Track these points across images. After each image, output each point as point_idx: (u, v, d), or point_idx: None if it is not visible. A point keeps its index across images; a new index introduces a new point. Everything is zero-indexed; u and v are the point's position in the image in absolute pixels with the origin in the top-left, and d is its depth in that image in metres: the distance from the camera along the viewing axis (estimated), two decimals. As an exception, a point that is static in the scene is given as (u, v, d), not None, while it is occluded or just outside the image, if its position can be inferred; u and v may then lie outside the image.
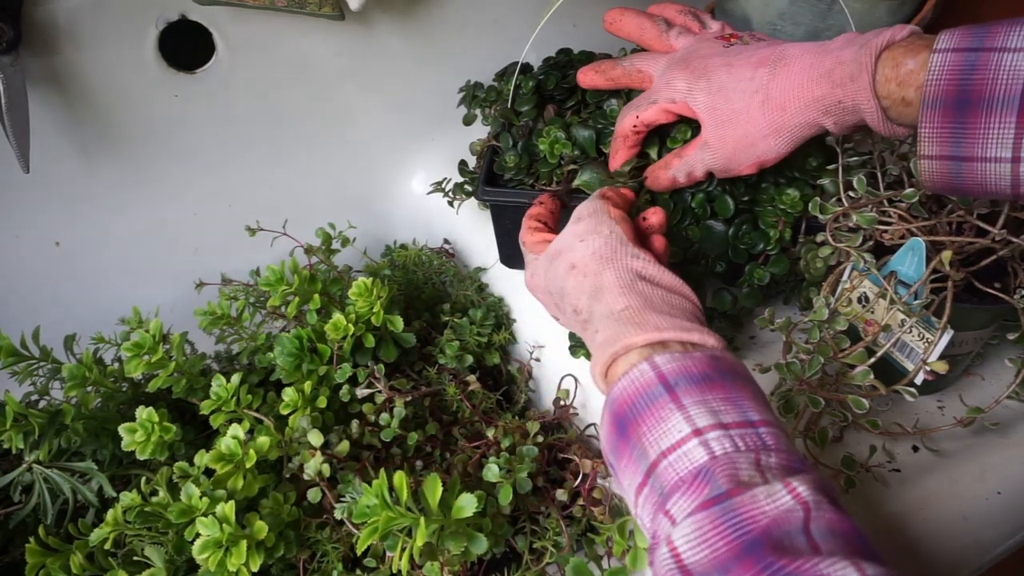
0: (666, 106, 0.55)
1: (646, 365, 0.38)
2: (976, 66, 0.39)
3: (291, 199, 0.84)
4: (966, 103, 0.39)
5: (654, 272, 0.45)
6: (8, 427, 0.50)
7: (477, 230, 0.83)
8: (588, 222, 0.48)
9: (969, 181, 0.41)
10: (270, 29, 0.72)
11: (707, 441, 0.35)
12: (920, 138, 0.41)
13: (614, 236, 0.46)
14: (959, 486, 0.55)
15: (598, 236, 0.47)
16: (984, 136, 0.39)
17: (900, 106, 0.44)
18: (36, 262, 0.75)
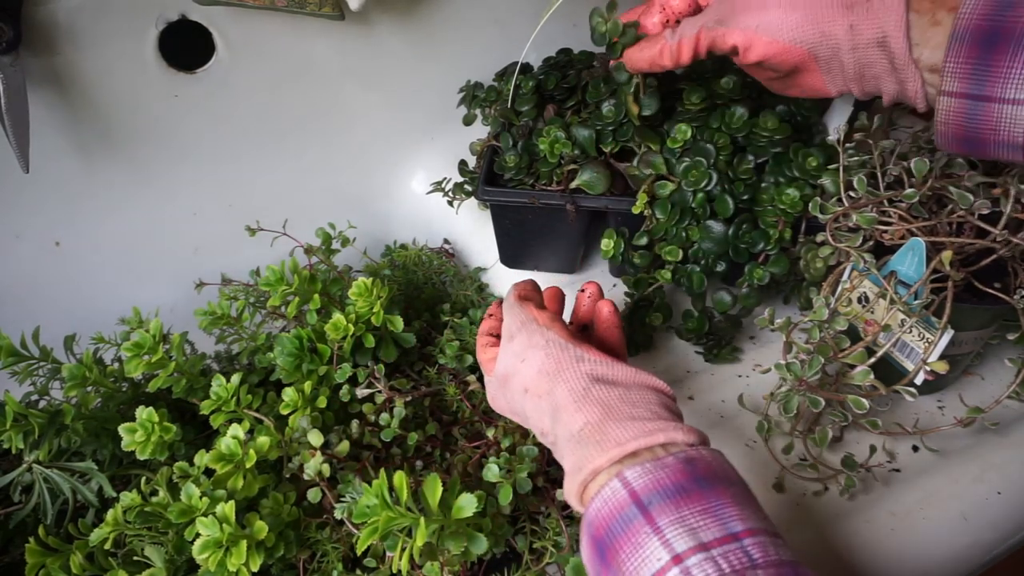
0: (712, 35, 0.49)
1: (617, 483, 0.36)
2: (1013, 3, 0.38)
3: (291, 199, 0.84)
4: (995, 39, 0.38)
5: (607, 371, 0.43)
6: (8, 427, 0.50)
7: (477, 230, 0.83)
8: (521, 337, 0.46)
9: (984, 126, 0.40)
10: (270, 29, 0.72)
11: (688, 570, 0.32)
12: (943, 72, 0.40)
13: (552, 344, 0.44)
14: (959, 486, 0.55)
15: (536, 350, 0.44)
16: (1007, 76, 0.38)
17: (929, 27, 0.41)
18: (36, 262, 0.75)
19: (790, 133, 0.61)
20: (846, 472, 0.54)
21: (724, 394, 0.64)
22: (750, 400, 0.61)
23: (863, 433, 0.58)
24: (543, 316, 0.47)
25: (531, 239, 0.73)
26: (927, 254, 0.51)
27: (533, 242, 0.74)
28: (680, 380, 0.66)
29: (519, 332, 0.46)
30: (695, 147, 0.61)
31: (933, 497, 0.55)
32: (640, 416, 0.39)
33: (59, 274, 0.77)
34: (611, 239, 0.65)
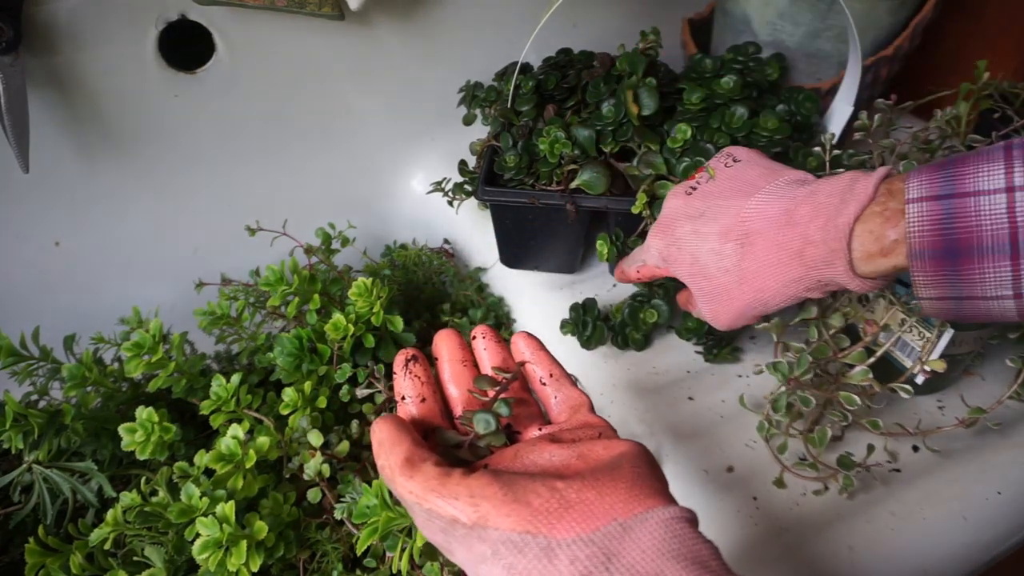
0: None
1: None
2: (955, 215, 0.37)
3: (291, 199, 0.84)
4: (955, 252, 0.38)
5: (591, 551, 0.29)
6: (8, 427, 0.50)
7: (477, 230, 0.83)
8: (458, 552, 0.33)
9: (974, 314, 0.39)
10: (270, 29, 0.72)
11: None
12: (916, 284, 0.40)
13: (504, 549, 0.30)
14: (959, 486, 0.55)
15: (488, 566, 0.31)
16: (982, 280, 0.37)
17: (891, 270, 0.42)
18: (36, 262, 0.75)
19: (790, 133, 0.61)
20: (846, 472, 0.54)
21: (724, 394, 0.64)
22: (751, 400, 0.61)
23: (864, 433, 0.58)
24: (456, 494, 0.32)
25: (531, 239, 0.73)
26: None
27: (533, 242, 0.74)
28: (680, 380, 0.66)
29: (448, 543, 0.33)
30: (695, 147, 0.61)
31: (933, 497, 0.55)
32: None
33: (59, 274, 0.77)
34: (604, 241, 0.65)
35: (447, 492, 0.32)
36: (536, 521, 0.30)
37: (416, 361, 0.42)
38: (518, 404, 0.40)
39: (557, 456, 0.34)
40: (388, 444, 0.35)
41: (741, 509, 0.55)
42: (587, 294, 0.75)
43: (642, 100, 0.61)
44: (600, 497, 0.30)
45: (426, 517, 0.33)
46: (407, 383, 0.41)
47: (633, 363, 0.67)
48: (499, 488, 0.31)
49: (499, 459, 0.36)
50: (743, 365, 0.67)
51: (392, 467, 0.34)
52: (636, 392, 0.65)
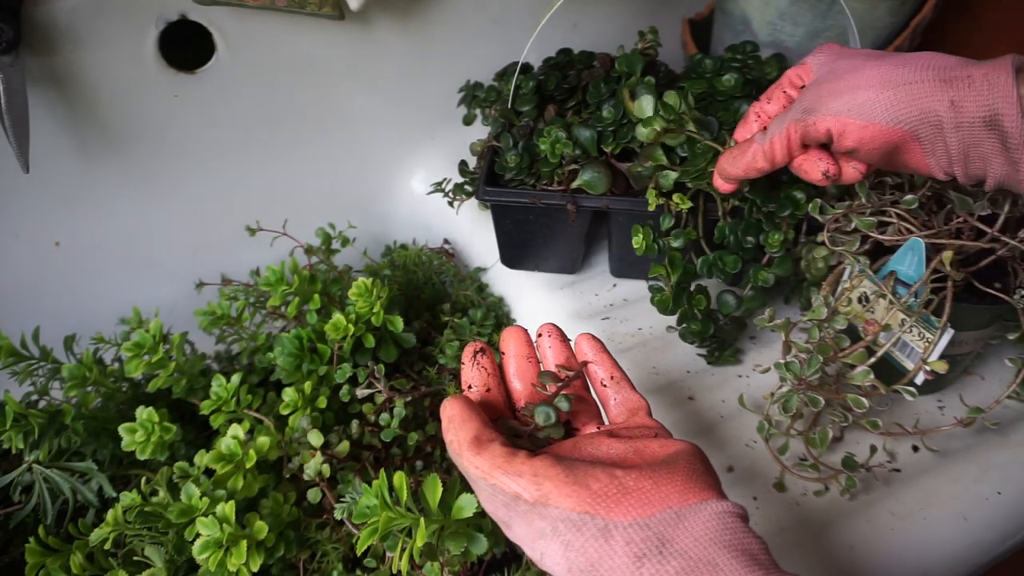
0: (793, 70, 0.50)
1: None
2: None
3: (291, 199, 0.84)
4: None
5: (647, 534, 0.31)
6: (8, 427, 0.50)
7: (477, 230, 0.83)
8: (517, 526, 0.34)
9: None
10: (270, 29, 0.72)
11: None
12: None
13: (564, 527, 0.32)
14: (959, 486, 0.55)
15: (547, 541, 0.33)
16: None
17: None
18: (36, 262, 0.75)
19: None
20: (847, 472, 0.54)
21: (724, 394, 0.64)
22: (750, 400, 0.61)
23: (863, 433, 0.58)
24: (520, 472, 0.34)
25: (532, 239, 0.73)
26: (927, 254, 0.51)
27: (534, 242, 0.74)
28: (680, 380, 0.66)
29: (508, 518, 0.34)
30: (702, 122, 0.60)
31: (933, 497, 0.55)
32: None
33: (59, 274, 0.77)
34: (639, 234, 0.61)
35: (512, 470, 0.34)
36: (595, 503, 0.32)
37: (484, 353, 0.44)
38: (578, 402, 0.42)
39: (615, 449, 0.37)
40: (458, 421, 0.38)
41: (741, 509, 0.55)
42: (587, 294, 0.75)
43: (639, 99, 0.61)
44: (656, 487, 0.32)
45: (490, 492, 0.35)
46: (475, 373, 0.43)
47: (633, 363, 0.67)
48: (561, 470, 0.33)
49: (558, 449, 0.38)
50: (743, 365, 0.67)
51: (461, 443, 0.36)
52: (636, 392, 0.65)
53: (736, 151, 0.51)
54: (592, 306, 0.74)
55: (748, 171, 0.51)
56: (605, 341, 0.46)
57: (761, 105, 0.52)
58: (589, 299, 0.75)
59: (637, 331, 0.71)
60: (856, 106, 0.43)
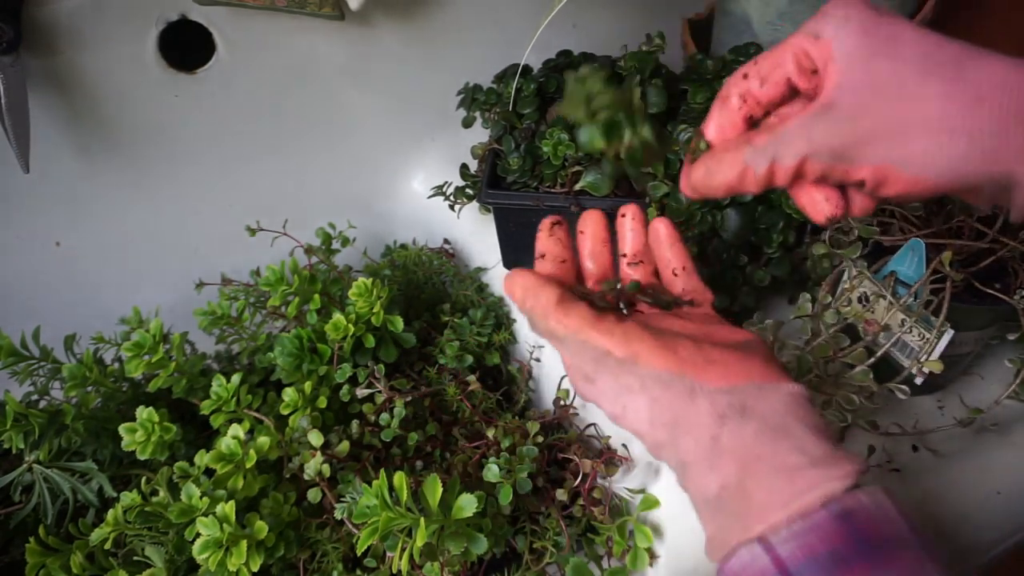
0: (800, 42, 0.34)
1: (759, 548, 0.30)
2: None
3: (291, 199, 0.84)
4: None
5: (730, 396, 0.33)
6: (8, 427, 0.50)
7: (477, 230, 0.83)
8: (603, 379, 0.36)
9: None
10: (270, 29, 0.72)
11: None
12: None
13: (651, 383, 0.34)
14: (958, 486, 0.55)
15: (634, 396, 0.35)
16: None
17: None
18: (36, 262, 0.75)
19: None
20: (846, 472, 0.54)
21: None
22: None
23: (863, 433, 0.58)
24: (611, 331, 0.35)
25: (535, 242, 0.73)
26: (927, 254, 0.51)
27: (534, 243, 0.73)
28: (680, 380, 0.66)
29: (596, 372, 0.37)
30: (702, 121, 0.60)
31: (932, 497, 0.55)
32: (785, 463, 0.31)
33: (59, 274, 0.77)
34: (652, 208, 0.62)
35: (603, 328, 0.35)
36: (683, 366, 0.34)
37: (560, 226, 0.44)
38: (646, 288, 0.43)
39: (687, 328, 0.37)
40: (536, 287, 0.37)
41: (741, 509, 0.55)
42: (587, 294, 0.75)
43: (650, 98, 0.61)
44: (740, 360, 0.34)
45: (579, 346, 0.36)
46: (551, 242, 0.43)
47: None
48: (650, 335, 0.35)
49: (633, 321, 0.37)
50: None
51: (546, 305, 0.36)
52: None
53: (714, 160, 0.37)
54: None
55: (728, 191, 0.37)
56: None
57: (748, 85, 0.37)
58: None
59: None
60: (909, 157, 0.32)
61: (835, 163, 0.33)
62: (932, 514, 0.54)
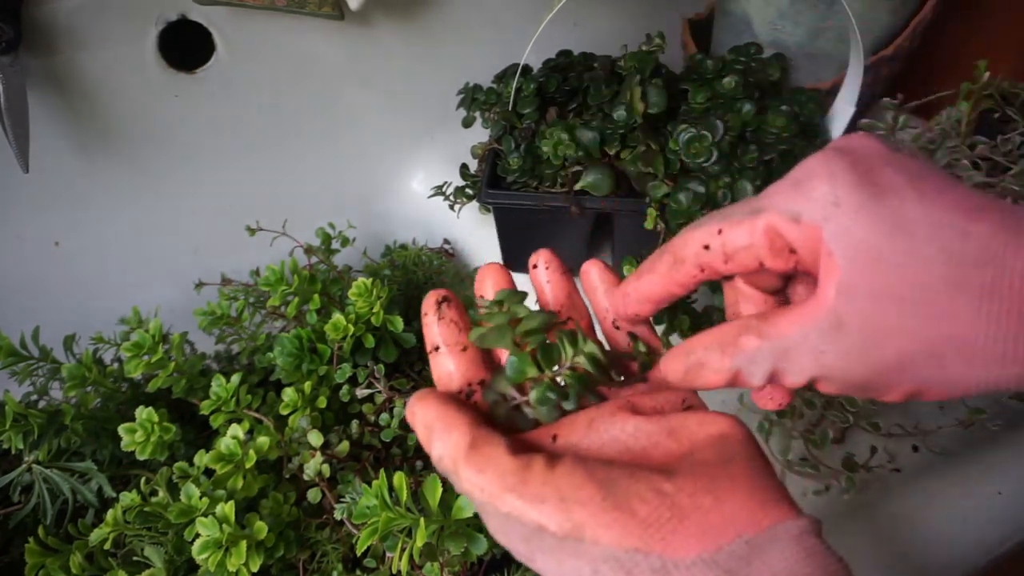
0: (775, 223, 0.28)
1: None
2: None
3: (291, 199, 0.84)
4: None
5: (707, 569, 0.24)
6: (7, 427, 0.50)
7: (477, 230, 0.83)
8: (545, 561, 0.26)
9: None
10: (270, 29, 0.72)
11: None
12: None
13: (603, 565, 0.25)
14: (959, 487, 0.55)
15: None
16: None
17: None
18: (36, 262, 0.75)
19: (797, 132, 0.61)
20: (847, 473, 0.54)
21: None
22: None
23: (864, 434, 0.58)
24: (541, 495, 0.26)
25: (535, 242, 0.73)
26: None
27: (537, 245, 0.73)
28: (680, 380, 0.66)
29: (531, 553, 0.27)
30: (703, 121, 0.60)
31: (933, 497, 0.55)
32: None
33: (59, 274, 0.77)
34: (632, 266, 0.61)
35: (530, 493, 0.26)
36: (646, 535, 0.24)
37: (450, 303, 0.34)
38: None
39: (643, 431, 0.28)
40: (441, 426, 0.29)
41: (741, 509, 0.55)
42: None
43: (650, 98, 0.61)
44: (718, 504, 0.25)
45: (502, 521, 0.27)
46: (442, 329, 0.33)
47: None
48: (596, 490, 0.25)
49: (570, 429, 0.29)
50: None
51: (454, 457, 0.28)
52: (636, 392, 0.65)
53: (694, 362, 0.30)
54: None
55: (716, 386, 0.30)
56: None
57: (710, 258, 0.30)
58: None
59: (637, 331, 0.71)
60: (949, 379, 0.26)
61: (855, 391, 0.28)
62: (933, 515, 0.54)
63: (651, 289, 0.33)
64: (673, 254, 0.31)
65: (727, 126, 0.60)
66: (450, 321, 0.33)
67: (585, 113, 0.69)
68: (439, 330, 0.33)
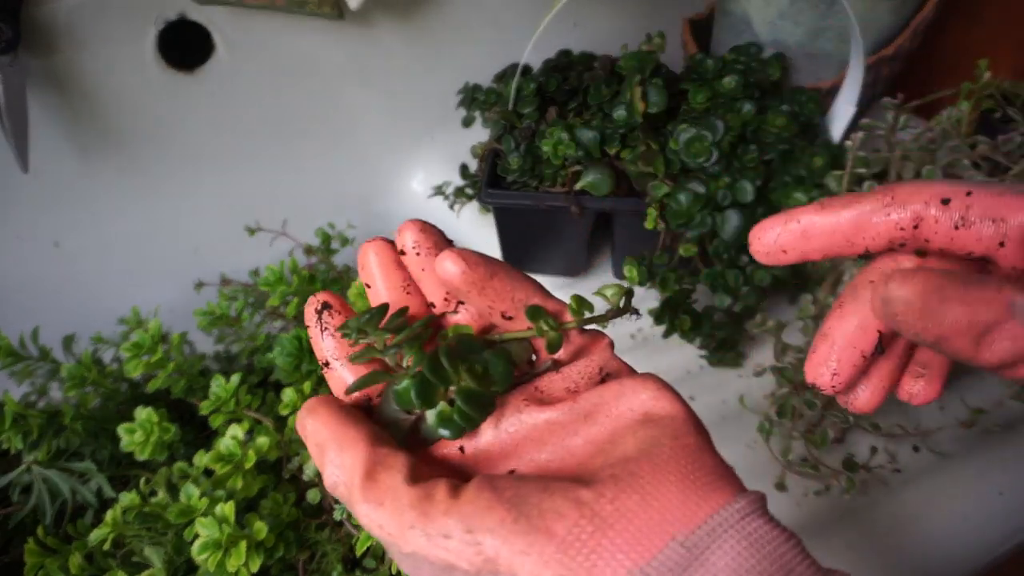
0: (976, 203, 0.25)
1: None
2: None
3: (291, 199, 0.84)
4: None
5: None
6: (7, 427, 0.50)
7: (476, 230, 0.83)
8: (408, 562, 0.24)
9: None
10: (269, 28, 0.72)
11: None
12: None
13: None
14: (960, 487, 0.55)
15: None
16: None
17: None
18: (35, 262, 0.75)
19: (797, 132, 0.61)
20: (847, 473, 0.54)
21: (725, 394, 0.64)
22: (751, 400, 0.61)
23: (865, 434, 0.58)
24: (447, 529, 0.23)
25: (535, 242, 0.73)
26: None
27: (537, 245, 0.73)
28: (680, 381, 0.66)
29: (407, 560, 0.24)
30: (703, 121, 0.60)
31: (934, 497, 0.55)
32: None
33: (59, 274, 0.76)
34: (633, 266, 0.62)
35: (434, 528, 0.22)
36: (567, 558, 0.21)
37: (331, 310, 0.29)
38: None
39: (556, 424, 0.25)
40: (335, 447, 0.25)
41: (742, 510, 0.55)
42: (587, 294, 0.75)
43: (650, 98, 0.61)
44: (645, 504, 0.22)
45: (410, 563, 0.23)
46: (329, 343, 0.29)
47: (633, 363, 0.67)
48: (506, 512, 0.22)
49: (477, 434, 0.26)
50: (744, 367, 0.67)
51: (349, 486, 0.24)
52: (636, 392, 0.65)
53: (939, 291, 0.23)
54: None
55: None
56: None
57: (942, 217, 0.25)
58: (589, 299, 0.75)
59: (637, 331, 0.71)
60: None
61: None
62: (934, 515, 0.53)
63: (835, 228, 0.27)
64: (892, 194, 0.26)
65: (727, 126, 0.60)
66: (335, 330, 0.29)
67: (585, 113, 0.69)
68: (325, 344, 0.29)
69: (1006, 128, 0.60)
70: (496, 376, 0.26)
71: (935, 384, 0.29)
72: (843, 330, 0.27)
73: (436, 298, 0.30)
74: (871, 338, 0.27)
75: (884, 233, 0.26)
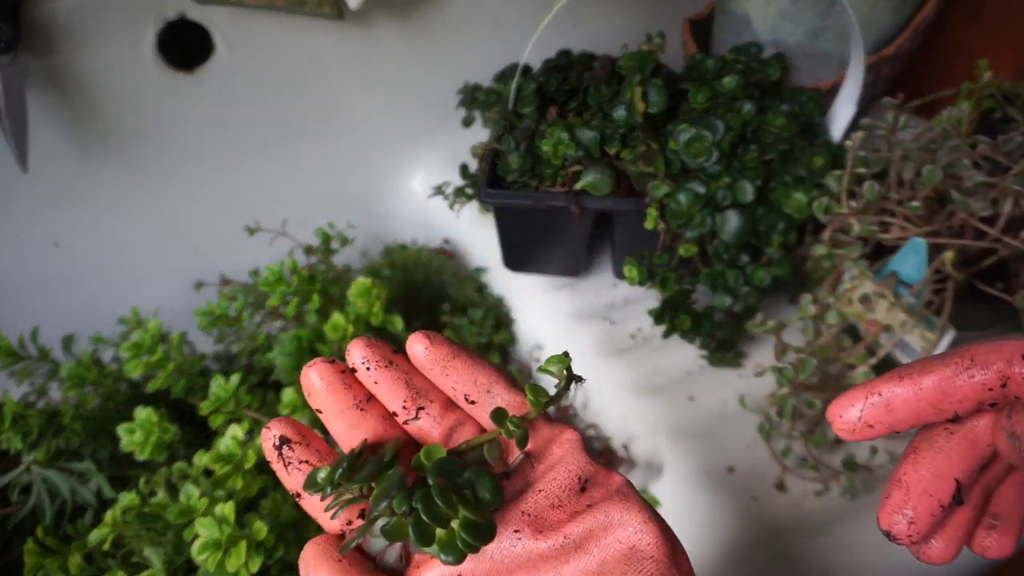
0: None
1: None
2: None
3: (290, 199, 0.84)
4: None
5: None
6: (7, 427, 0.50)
7: (477, 230, 0.83)
8: None
9: None
10: (269, 28, 0.72)
11: None
12: None
13: None
14: (960, 487, 0.55)
15: None
16: None
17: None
18: (35, 262, 0.75)
19: (797, 132, 0.61)
20: (847, 473, 0.54)
21: (725, 395, 0.64)
22: (751, 400, 0.61)
23: (864, 434, 0.57)
24: None
25: (535, 242, 0.73)
26: (928, 254, 0.50)
27: (537, 245, 0.73)
28: (680, 381, 0.66)
29: None
30: (703, 121, 0.60)
31: (934, 498, 0.54)
32: None
33: (58, 274, 0.76)
34: (633, 267, 0.62)
35: None
36: None
37: (291, 444, 0.29)
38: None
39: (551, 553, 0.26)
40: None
41: (742, 510, 0.55)
42: (587, 294, 0.75)
43: (650, 97, 0.61)
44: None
45: None
46: (294, 478, 0.29)
47: (633, 363, 0.67)
48: None
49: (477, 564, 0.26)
50: (744, 367, 0.67)
51: None
52: (637, 392, 0.65)
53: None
54: (592, 306, 0.74)
55: None
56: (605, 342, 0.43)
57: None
58: (589, 299, 0.75)
59: (637, 331, 0.71)
60: None
61: None
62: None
63: (919, 397, 0.26)
64: (971, 356, 0.25)
65: (727, 126, 0.59)
66: (299, 463, 0.28)
67: (585, 113, 0.69)
68: (293, 479, 0.29)
69: (1006, 128, 0.60)
70: (486, 496, 0.26)
71: (1009, 537, 0.29)
72: (919, 477, 0.27)
73: (395, 406, 0.29)
74: (948, 487, 0.26)
75: (972, 396, 0.25)
